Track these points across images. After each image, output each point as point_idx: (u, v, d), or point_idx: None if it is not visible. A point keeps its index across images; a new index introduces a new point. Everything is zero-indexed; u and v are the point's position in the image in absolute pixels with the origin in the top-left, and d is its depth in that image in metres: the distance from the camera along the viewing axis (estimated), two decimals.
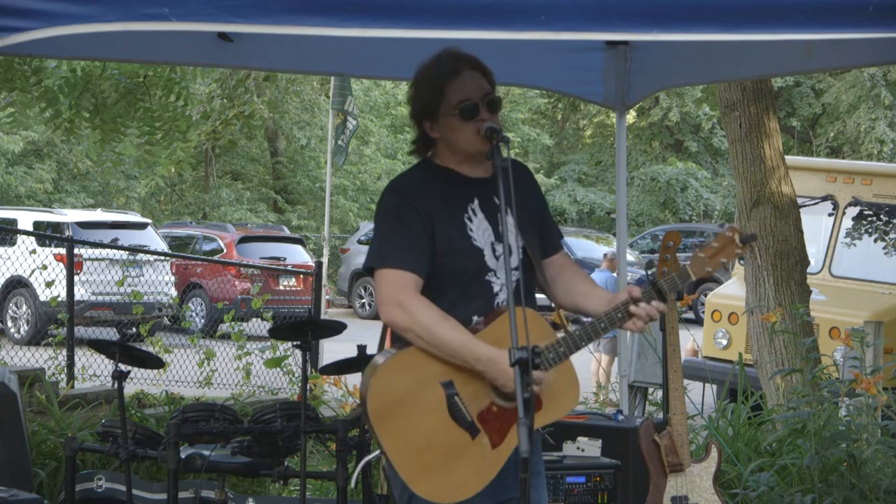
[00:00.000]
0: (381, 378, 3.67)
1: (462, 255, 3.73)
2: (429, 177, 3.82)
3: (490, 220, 3.79)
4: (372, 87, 32.71)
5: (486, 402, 3.65)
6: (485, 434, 3.63)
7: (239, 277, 19.88)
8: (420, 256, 3.69)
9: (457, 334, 3.62)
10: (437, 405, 3.62)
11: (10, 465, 6.07)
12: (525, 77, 6.69)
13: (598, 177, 37.97)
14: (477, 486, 3.64)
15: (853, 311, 11.21)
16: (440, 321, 3.62)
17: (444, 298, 3.70)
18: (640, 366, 11.00)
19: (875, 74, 29.30)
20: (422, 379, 3.64)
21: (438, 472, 3.62)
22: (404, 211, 3.73)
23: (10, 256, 15.07)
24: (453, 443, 3.62)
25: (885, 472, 6.40)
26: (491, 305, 3.74)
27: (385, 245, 3.73)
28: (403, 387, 3.64)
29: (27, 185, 28.83)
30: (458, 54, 3.79)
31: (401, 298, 3.65)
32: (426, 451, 3.62)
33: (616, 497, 5.35)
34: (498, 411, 3.65)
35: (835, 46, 5.33)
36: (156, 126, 9.48)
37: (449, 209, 3.75)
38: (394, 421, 3.62)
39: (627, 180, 21.94)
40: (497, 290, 3.76)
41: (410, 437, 3.62)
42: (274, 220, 30.63)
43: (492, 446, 3.64)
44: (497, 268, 3.76)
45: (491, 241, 3.77)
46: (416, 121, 3.84)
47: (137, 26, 3.70)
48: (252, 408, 7.78)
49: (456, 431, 3.62)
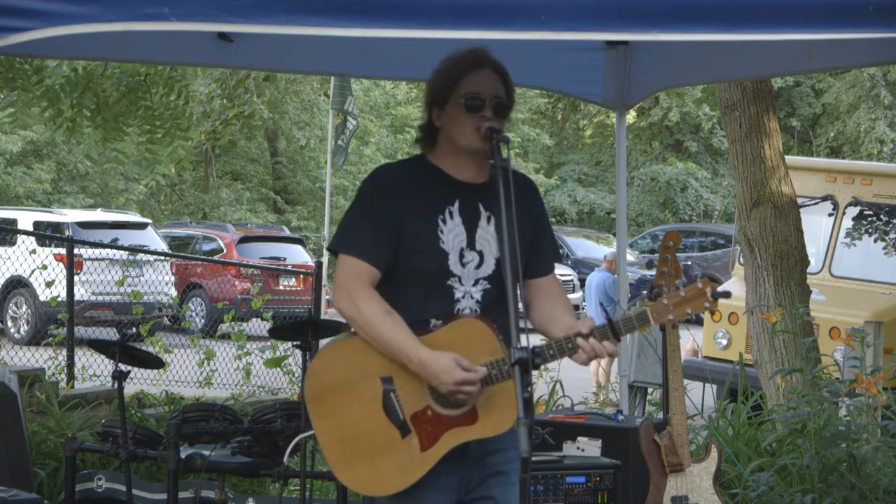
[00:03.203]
0: (324, 360, 3.71)
1: (424, 256, 3.71)
2: (415, 172, 3.81)
3: (466, 226, 3.76)
4: (372, 87, 32.71)
5: (422, 404, 3.63)
6: (415, 435, 3.62)
7: (239, 277, 19.88)
8: (380, 249, 3.69)
9: (395, 333, 3.62)
10: (373, 398, 3.63)
11: (10, 465, 6.07)
12: (525, 77, 6.66)
13: (598, 177, 37.97)
14: (399, 484, 3.63)
15: (853, 311, 11.21)
16: (382, 317, 3.63)
17: (404, 296, 3.70)
18: (640, 366, 10.99)
19: (875, 74, 29.31)
20: (364, 369, 3.65)
21: (363, 464, 3.63)
22: (376, 201, 3.73)
23: (10, 256, 15.08)
24: (382, 438, 3.62)
25: (885, 472, 6.40)
26: (451, 310, 3.71)
27: (349, 230, 3.76)
28: (344, 373, 3.66)
29: (26, 185, 28.82)
30: (485, 53, 3.79)
31: (351, 288, 3.67)
32: (354, 441, 3.63)
33: (616, 497, 5.35)
34: (432, 415, 3.63)
35: (835, 46, 5.33)
36: (157, 124, 9.48)
37: (423, 208, 3.73)
38: (328, 405, 3.65)
39: (627, 180, 21.95)
40: (459, 297, 3.72)
41: (341, 423, 3.64)
42: (274, 221, 30.64)
43: (420, 448, 3.62)
44: (462, 274, 3.73)
45: (461, 246, 3.74)
46: (427, 107, 3.83)
47: (137, 26, 3.69)
48: (252, 408, 7.78)
49: (387, 427, 3.62)
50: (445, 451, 3.62)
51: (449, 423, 3.62)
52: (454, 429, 3.63)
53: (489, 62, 3.78)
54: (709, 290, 3.68)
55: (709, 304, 3.70)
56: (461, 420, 3.63)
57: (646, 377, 11.04)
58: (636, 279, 22.11)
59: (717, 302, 3.69)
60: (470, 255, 3.75)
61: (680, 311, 3.69)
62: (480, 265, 3.75)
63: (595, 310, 14.79)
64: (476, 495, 3.76)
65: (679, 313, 3.69)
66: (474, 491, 3.76)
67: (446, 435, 3.63)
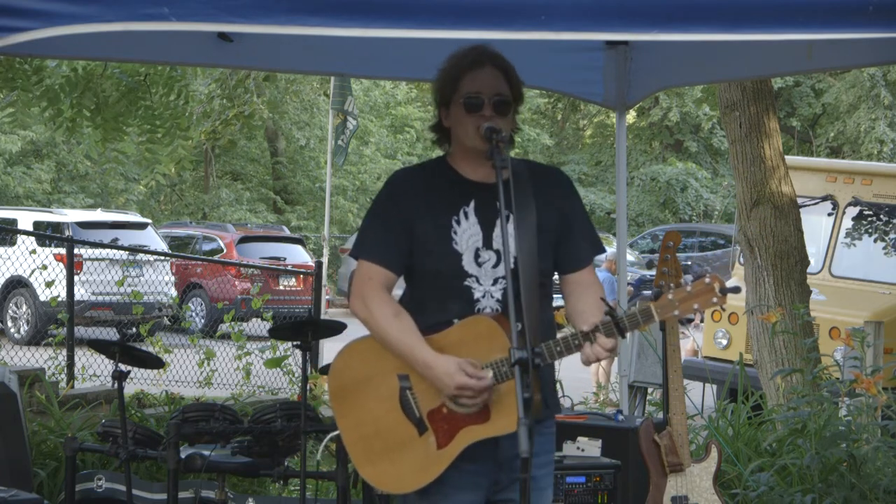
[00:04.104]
0: (345, 358, 3.75)
1: (437, 257, 3.71)
2: (430, 174, 3.81)
3: (483, 226, 3.74)
4: (372, 87, 32.71)
5: (437, 402, 3.64)
6: (432, 433, 3.64)
7: (239, 277, 19.88)
8: (391, 251, 3.71)
9: (402, 336, 3.63)
10: (390, 395, 3.66)
11: (10, 465, 6.07)
12: (525, 77, 6.60)
13: (598, 177, 37.98)
14: (417, 482, 3.64)
15: (853, 311, 11.20)
16: (391, 320, 3.65)
17: (424, 298, 3.72)
18: (640, 366, 10.99)
19: (875, 74, 29.29)
20: (382, 366, 3.67)
21: (382, 461, 3.66)
22: (387, 205, 3.76)
23: (10, 256, 15.07)
24: (400, 435, 3.65)
25: (885, 471, 6.40)
26: (471, 310, 3.70)
27: (364, 236, 3.79)
28: (363, 370, 3.70)
29: (26, 185, 28.81)
30: (487, 50, 3.76)
31: (364, 291, 3.70)
32: (373, 438, 3.67)
33: (616, 497, 5.35)
34: (448, 413, 3.63)
35: (835, 46, 5.33)
36: (157, 124, 9.49)
37: (436, 209, 3.72)
38: (349, 402, 3.70)
39: (627, 180, 21.93)
40: (478, 297, 3.71)
41: (362, 421, 3.68)
42: (274, 221, 30.63)
43: (437, 446, 3.63)
44: (479, 274, 3.71)
45: (477, 246, 3.72)
46: (436, 107, 3.82)
47: (137, 26, 3.70)
48: (252, 408, 7.78)
49: (404, 424, 3.65)
50: (461, 449, 3.62)
51: (463, 421, 3.62)
52: (468, 427, 3.63)
53: (490, 58, 3.74)
54: (717, 286, 3.58)
55: (717, 300, 3.58)
56: (474, 418, 3.63)
57: (646, 377, 11.04)
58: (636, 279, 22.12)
59: (725, 297, 3.59)
60: (486, 255, 3.73)
61: (686, 306, 3.60)
62: (498, 264, 3.72)
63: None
64: (503, 496, 3.76)
65: (685, 308, 3.60)
66: (503, 492, 3.75)
67: (461, 433, 3.63)
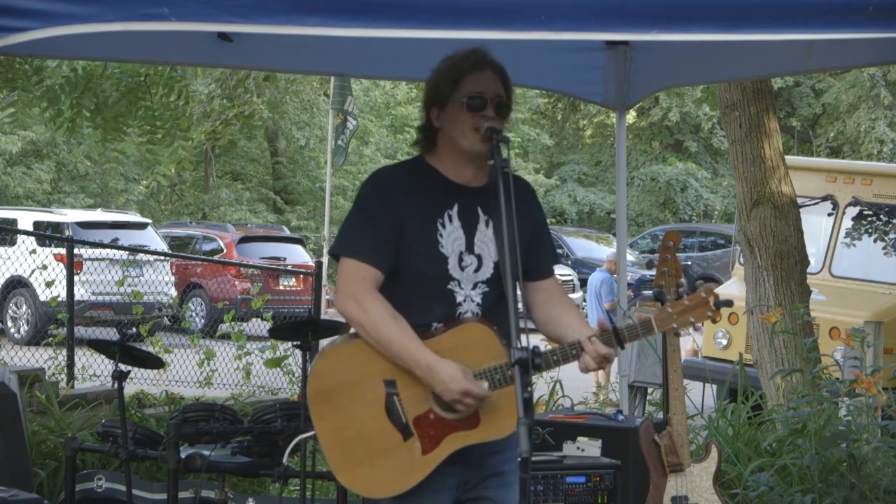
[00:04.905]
0: (328, 361, 3.71)
1: (424, 260, 3.71)
2: (413, 175, 3.80)
3: (465, 230, 3.75)
4: (372, 87, 32.70)
5: (424, 408, 3.64)
6: (417, 439, 3.63)
7: (239, 277, 19.88)
8: (381, 251, 3.69)
9: (402, 337, 3.62)
10: (376, 400, 3.64)
11: (10, 465, 6.07)
12: (525, 77, 6.67)
13: (598, 177, 37.97)
14: (399, 487, 3.63)
15: (853, 311, 11.21)
16: (388, 320, 3.63)
17: (404, 300, 3.70)
18: (639, 366, 10.99)
19: (875, 74, 29.30)
20: (367, 371, 3.65)
21: (363, 465, 3.64)
22: (375, 204, 3.73)
23: (10, 256, 15.07)
24: (384, 440, 3.63)
25: (885, 471, 6.40)
26: (452, 314, 3.71)
27: (351, 233, 3.75)
28: (347, 374, 3.67)
29: (26, 185, 28.81)
30: (486, 55, 3.79)
31: (356, 291, 3.66)
32: (355, 442, 3.64)
33: (616, 497, 5.35)
34: (434, 419, 3.63)
35: (835, 46, 5.33)
36: (157, 125, 9.49)
37: (423, 211, 3.73)
38: (330, 406, 3.66)
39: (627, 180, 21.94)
40: (460, 301, 3.72)
41: (343, 425, 3.65)
42: (274, 221, 30.63)
43: (422, 452, 3.63)
44: (462, 278, 3.73)
45: (460, 250, 3.74)
46: (426, 107, 3.82)
47: (137, 26, 3.70)
48: (252, 408, 7.77)
49: (389, 430, 3.63)
50: (447, 455, 3.63)
51: (451, 426, 3.63)
52: (456, 433, 3.64)
53: (490, 63, 3.78)
54: (712, 299, 3.76)
55: (711, 314, 3.77)
56: (463, 424, 3.63)
57: (646, 377, 11.04)
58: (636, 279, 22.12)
59: (719, 311, 3.77)
60: (469, 259, 3.75)
61: (683, 319, 3.76)
62: (479, 269, 3.75)
63: (595, 310, 14.79)
64: (474, 495, 3.77)
65: (682, 322, 3.76)
66: (472, 490, 3.77)
67: (448, 438, 3.63)
